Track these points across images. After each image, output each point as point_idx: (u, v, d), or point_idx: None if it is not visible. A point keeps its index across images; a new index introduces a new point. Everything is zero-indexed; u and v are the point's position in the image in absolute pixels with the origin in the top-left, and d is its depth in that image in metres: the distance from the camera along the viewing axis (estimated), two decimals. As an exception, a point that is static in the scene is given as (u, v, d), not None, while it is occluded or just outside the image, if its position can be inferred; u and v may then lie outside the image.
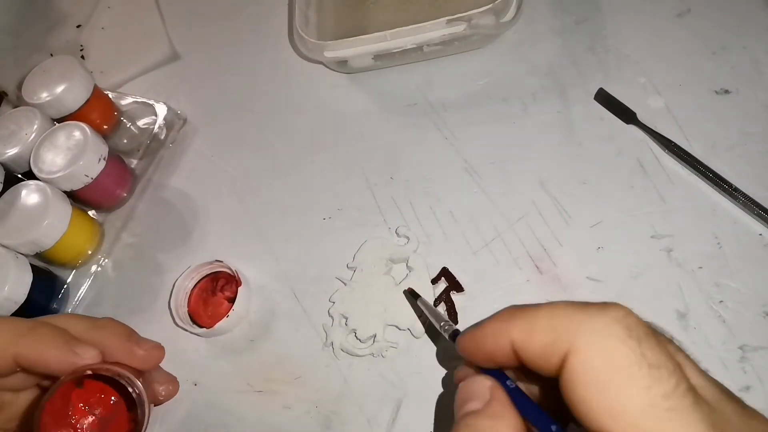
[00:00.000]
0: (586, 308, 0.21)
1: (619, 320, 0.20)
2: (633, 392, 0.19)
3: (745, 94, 0.42)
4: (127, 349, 0.34)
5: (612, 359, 0.20)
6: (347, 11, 0.53)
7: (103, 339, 0.33)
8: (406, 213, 0.44)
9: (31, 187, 0.45)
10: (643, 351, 0.20)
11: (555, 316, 0.22)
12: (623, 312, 0.21)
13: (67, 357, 0.31)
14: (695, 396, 0.19)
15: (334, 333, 0.40)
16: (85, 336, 0.33)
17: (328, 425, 0.39)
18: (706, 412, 0.19)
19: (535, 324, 0.22)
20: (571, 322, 0.21)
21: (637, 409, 0.19)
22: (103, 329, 0.34)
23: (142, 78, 0.58)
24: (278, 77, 0.54)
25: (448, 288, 0.40)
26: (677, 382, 0.19)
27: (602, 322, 0.21)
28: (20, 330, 0.31)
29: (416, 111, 0.48)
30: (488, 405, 0.23)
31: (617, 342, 0.20)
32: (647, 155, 0.41)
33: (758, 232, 0.37)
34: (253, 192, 0.49)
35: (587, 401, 0.20)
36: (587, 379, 0.20)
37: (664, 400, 0.19)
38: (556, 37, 0.48)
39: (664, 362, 0.20)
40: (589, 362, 0.20)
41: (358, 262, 0.42)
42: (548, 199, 0.42)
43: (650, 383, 0.19)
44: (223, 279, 0.45)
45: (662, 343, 0.20)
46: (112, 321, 0.35)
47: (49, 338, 0.31)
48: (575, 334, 0.21)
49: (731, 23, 0.44)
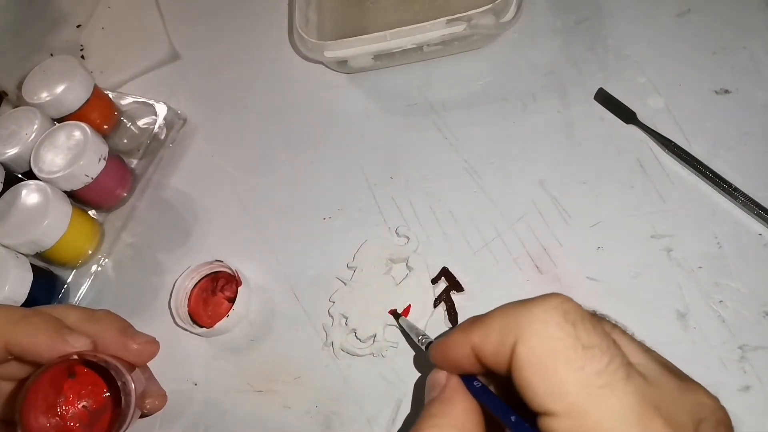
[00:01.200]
0: (529, 302, 0.23)
1: (556, 307, 0.22)
2: (569, 373, 0.20)
3: (745, 94, 0.42)
4: (120, 342, 0.34)
5: (550, 343, 0.21)
6: (347, 11, 0.53)
7: (98, 331, 0.33)
8: (406, 213, 0.44)
9: (31, 187, 0.45)
10: (577, 333, 0.21)
11: (503, 315, 0.23)
12: (560, 299, 0.22)
13: (58, 345, 0.31)
14: (628, 371, 0.20)
15: (334, 333, 0.40)
16: (79, 326, 0.33)
17: (328, 425, 0.39)
18: (639, 386, 0.20)
19: (488, 326, 0.23)
20: (516, 317, 0.22)
21: (574, 389, 0.20)
22: (98, 321, 0.34)
23: (142, 78, 0.58)
24: (278, 77, 0.54)
25: (448, 288, 0.40)
26: (610, 359, 0.20)
27: (541, 310, 0.22)
28: (12, 318, 0.31)
29: (416, 111, 0.48)
30: (443, 391, 0.26)
31: (554, 327, 0.21)
32: (647, 155, 0.41)
33: (758, 232, 0.37)
34: (253, 192, 0.49)
35: (531, 384, 0.21)
36: (530, 364, 0.21)
37: (597, 378, 0.20)
38: (556, 36, 0.48)
39: (597, 342, 0.21)
40: (530, 348, 0.21)
41: (358, 261, 0.42)
42: (548, 199, 0.42)
43: (584, 363, 0.20)
44: (223, 279, 0.45)
45: (597, 325, 0.22)
46: (108, 313, 0.35)
47: (41, 326, 0.31)
48: (519, 326, 0.22)
49: (731, 23, 0.44)
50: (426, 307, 0.39)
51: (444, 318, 0.40)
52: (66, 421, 0.34)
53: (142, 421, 0.41)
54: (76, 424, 0.35)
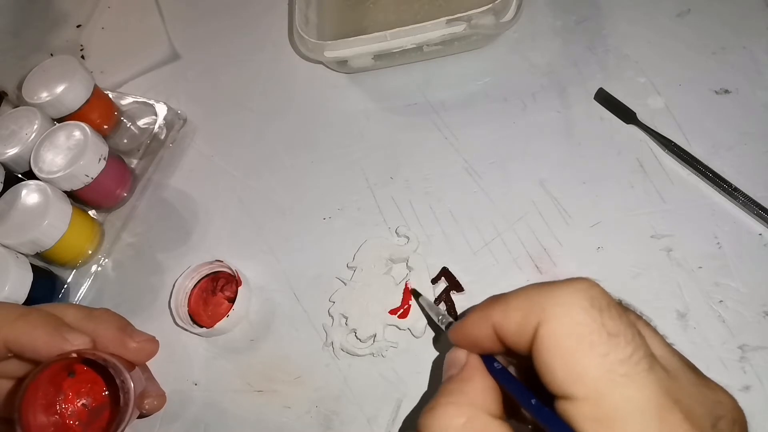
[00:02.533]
0: (554, 284, 0.22)
1: (583, 291, 0.21)
2: (592, 358, 0.20)
3: (745, 94, 0.42)
4: (119, 340, 0.34)
5: (574, 327, 0.21)
6: (347, 11, 0.53)
7: (96, 329, 0.33)
8: (406, 213, 0.44)
9: (31, 187, 0.45)
10: (603, 320, 0.21)
11: (527, 295, 0.23)
12: (588, 284, 0.22)
13: (56, 342, 0.31)
14: (651, 363, 0.20)
15: (334, 333, 0.40)
16: (78, 324, 0.33)
17: (328, 425, 0.39)
18: (661, 378, 0.20)
19: (510, 305, 0.23)
20: (540, 298, 0.22)
21: (596, 374, 0.20)
22: (97, 319, 0.34)
23: (142, 78, 0.58)
24: (278, 77, 0.54)
25: (448, 288, 0.40)
26: (634, 349, 0.20)
27: (567, 293, 0.22)
28: (10, 315, 0.31)
29: (416, 111, 0.48)
30: (462, 370, 0.26)
31: (580, 311, 0.21)
32: (647, 155, 0.41)
33: (758, 232, 0.37)
34: (253, 192, 0.49)
35: (552, 367, 0.21)
36: (552, 347, 0.21)
37: (620, 366, 0.20)
38: (556, 36, 0.48)
39: (622, 331, 0.21)
40: (554, 331, 0.21)
41: (358, 261, 0.42)
42: (548, 199, 0.42)
43: (608, 350, 0.20)
44: (223, 279, 0.45)
45: (623, 314, 0.21)
46: (107, 312, 0.35)
47: (39, 323, 0.31)
48: (543, 308, 0.22)
49: (731, 23, 0.44)
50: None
51: (444, 318, 0.40)
52: (65, 419, 0.34)
53: (142, 421, 0.41)
54: (75, 422, 0.35)
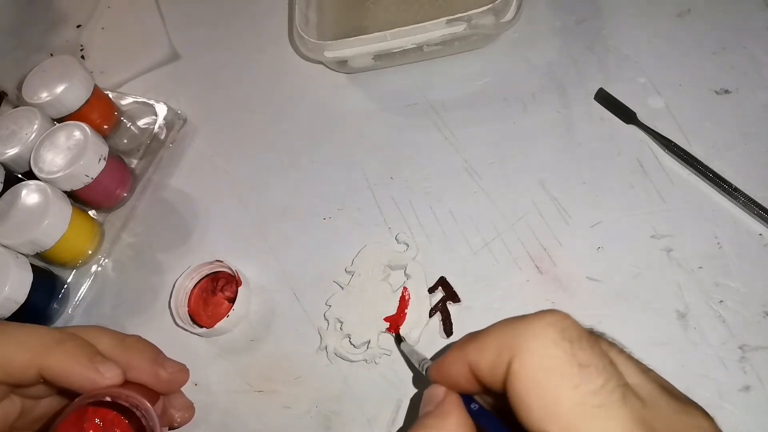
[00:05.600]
0: (526, 318, 0.22)
1: (554, 324, 0.21)
2: (564, 391, 0.20)
3: (745, 94, 0.42)
4: (152, 371, 0.34)
5: (546, 361, 0.21)
6: (347, 11, 0.53)
7: (129, 358, 0.33)
8: (406, 213, 0.44)
9: (31, 187, 0.45)
10: (574, 351, 0.20)
11: (500, 332, 0.23)
12: (558, 317, 0.22)
13: (90, 374, 0.30)
14: (624, 392, 0.20)
15: (329, 337, 0.40)
16: (111, 353, 0.32)
17: (328, 425, 0.39)
18: (635, 408, 0.20)
19: (484, 343, 0.23)
20: (513, 333, 0.22)
21: (569, 407, 0.20)
22: (131, 348, 0.33)
23: (142, 78, 0.58)
24: (278, 77, 0.54)
25: (445, 298, 0.40)
26: (606, 379, 0.20)
27: (538, 327, 0.21)
28: (47, 342, 0.31)
29: (416, 111, 0.48)
30: (439, 405, 0.25)
31: (551, 344, 0.21)
32: (647, 155, 0.41)
33: (758, 232, 0.37)
34: (253, 192, 0.49)
35: (526, 402, 0.21)
36: (525, 381, 0.21)
37: (592, 397, 0.20)
38: (556, 37, 0.48)
39: (594, 361, 0.20)
40: (525, 365, 0.21)
41: (356, 266, 0.42)
42: (548, 199, 0.42)
43: (579, 381, 0.20)
44: (223, 279, 0.45)
45: (595, 344, 0.21)
46: (139, 340, 0.35)
47: (75, 353, 0.31)
48: (515, 343, 0.22)
49: (731, 23, 0.44)
50: (421, 316, 0.39)
51: (439, 328, 0.39)
52: None
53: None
54: None
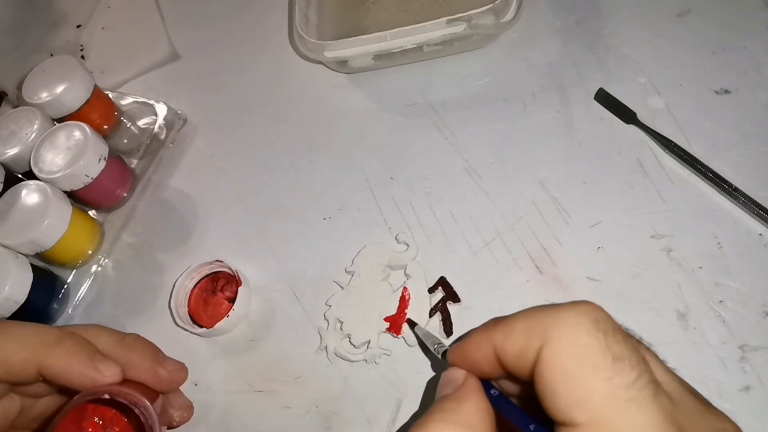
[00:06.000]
0: (557, 307, 0.22)
1: (587, 314, 0.21)
2: (596, 381, 0.20)
3: (745, 94, 0.42)
4: (151, 370, 0.34)
5: (578, 350, 0.20)
6: (347, 11, 0.53)
7: (129, 357, 0.33)
8: (406, 213, 0.44)
9: (31, 187, 0.45)
10: (608, 343, 0.20)
11: (530, 318, 0.23)
12: (592, 307, 0.22)
13: (89, 373, 0.31)
14: (656, 389, 0.20)
15: (329, 337, 0.40)
16: (111, 352, 0.32)
17: (328, 425, 0.39)
18: (665, 405, 0.20)
19: (512, 328, 0.23)
20: (544, 320, 0.22)
21: (600, 398, 0.19)
22: (130, 347, 0.34)
23: (142, 78, 0.58)
24: (278, 77, 0.54)
25: (445, 298, 0.40)
26: (639, 374, 0.20)
27: (571, 316, 0.21)
28: (47, 341, 0.31)
29: (416, 111, 0.48)
30: (458, 389, 0.25)
31: (584, 334, 0.21)
32: (647, 155, 0.41)
33: (758, 232, 0.37)
34: (253, 192, 0.49)
35: (554, 390, 0.20)
36: (555, 369, 0.21)
37: (624, 391, 0.19)
38: (556, 37, 0.48)
39: (627, 355, 0.20)
40: (557, 352, 0.21)
41: (356, 266, 0.42)
42: (548, 199, 0.42)
43: (612, 374, 0.20)
44: (223, 279, 0.45)
45: (628, 338, 0.21)
46: (138, 338, 0.35)
47: (75, 351, 0.31)
48: (547, 329, 0.21)
49: (731, 23, 0.44)
50: (422, 316, 0.39)
51: (439, 328, 0.39)
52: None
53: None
54: None
